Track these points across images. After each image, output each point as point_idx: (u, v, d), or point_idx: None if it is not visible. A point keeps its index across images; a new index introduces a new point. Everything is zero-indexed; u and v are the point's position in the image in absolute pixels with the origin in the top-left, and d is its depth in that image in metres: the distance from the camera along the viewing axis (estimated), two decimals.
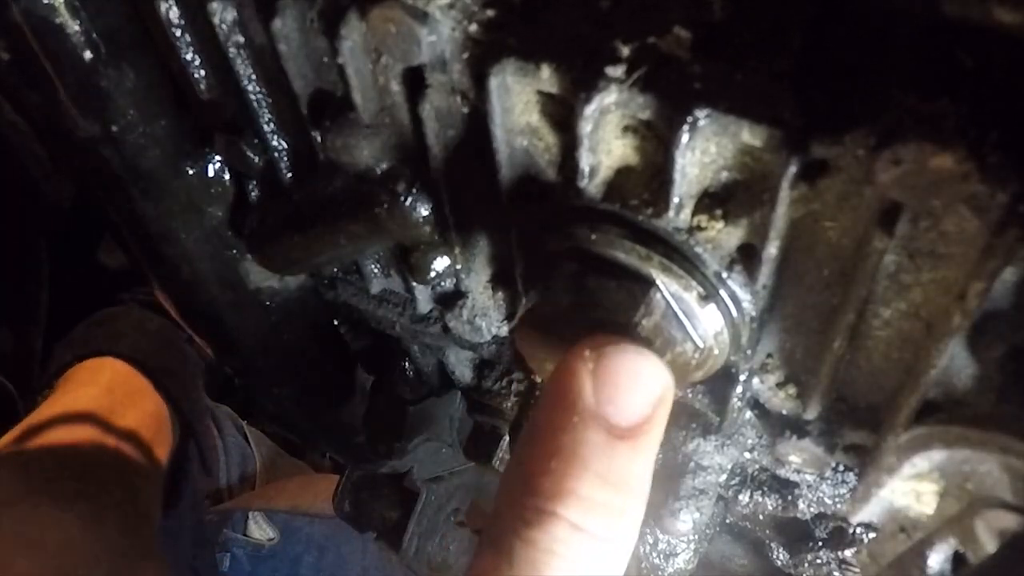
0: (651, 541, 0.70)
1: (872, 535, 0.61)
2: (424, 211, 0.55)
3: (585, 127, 0.42)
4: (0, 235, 1.18)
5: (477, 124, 0.48)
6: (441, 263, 0.58)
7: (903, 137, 0.35)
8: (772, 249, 0.43)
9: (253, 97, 0.54)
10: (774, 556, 0.72)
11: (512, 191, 0.50)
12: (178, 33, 0.52)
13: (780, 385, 0.53)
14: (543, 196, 0.50)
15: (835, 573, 0.65)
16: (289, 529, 1.66)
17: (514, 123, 0.46)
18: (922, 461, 0.44)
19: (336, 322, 0.80)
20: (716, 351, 0.49)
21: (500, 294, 0.61)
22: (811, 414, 0.53)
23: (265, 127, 0.56)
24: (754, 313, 0.48)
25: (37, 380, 1.22)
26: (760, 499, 0.65)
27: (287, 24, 0.48)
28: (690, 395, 0.57)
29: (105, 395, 1.10)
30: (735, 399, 0.54)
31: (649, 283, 0.46)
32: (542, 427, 0.40)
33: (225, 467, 1.61)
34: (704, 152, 0.42)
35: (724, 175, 0.43)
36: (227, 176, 0.62)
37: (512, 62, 0.42)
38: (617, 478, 0.39)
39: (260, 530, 1.66)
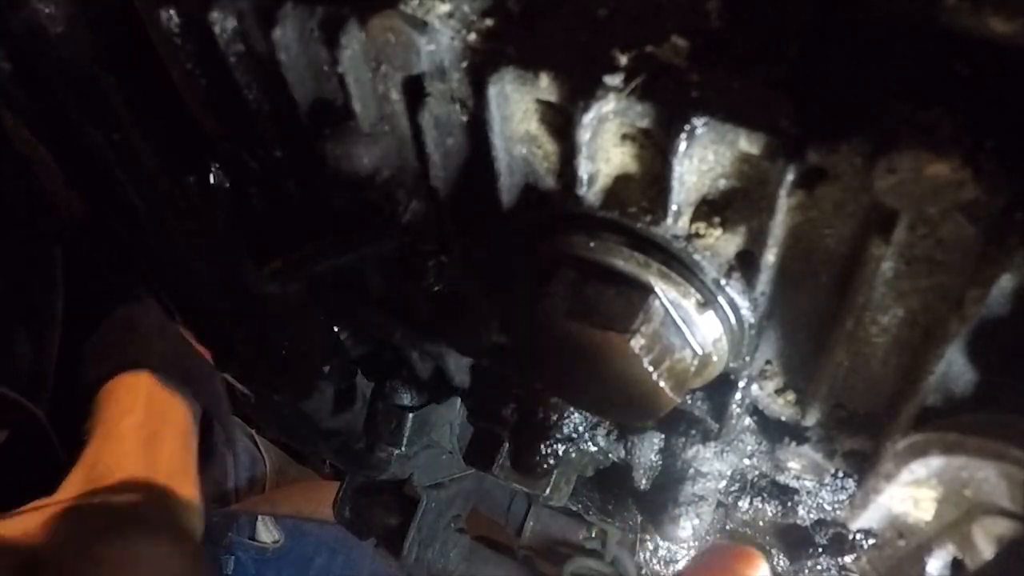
0: (651, 547, 0.70)
1: (871, 541, 0.61)
2: (424, 219, 0.55)
3: (583, 135, 0.43)
4: (17, 244, 1.19)
5: (476, 132, 0.48)
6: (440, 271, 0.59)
7: (899, 145, 0.35)
8: (770, 256, 0.44)
9: (254, 106, 0.54)
10: (774, 562, 0.72)
11: (511, 198, 0.50)
12: (179, 42, 0.52)
13: (779, 391, 0.53)
14: (542, 203, 0.50)
15: None
16: (299, 532, 1.66)
17: (513, 131, 0.46)
18: (920, 468, 0.44)
19: (336, 329, 0.80)
20: (715, 358, 0.49)
21: (499, 301, 0.61)
22: (810, 420, 0.53)
23: (265, 135, 0.56)
24: (753, 320, 0.48)
25: (54, 393, 1.24)
26: (760, 505, 0.65)
27: (287, 34, 0.48)
28: (689, 402, 0.58)
29: (147, 421, 1.18)
30: (734, 406, 0.54)
31: (648, 290, 0.46)
32: None
33: (233, 469, 1.61)
34: (702, 160, 0.42)
35: (722, 183, 0.43)
36: (227, 184, 0.62)
37: (511, 71, 0.43)
38: None
39: (268, 533, 1.66)
